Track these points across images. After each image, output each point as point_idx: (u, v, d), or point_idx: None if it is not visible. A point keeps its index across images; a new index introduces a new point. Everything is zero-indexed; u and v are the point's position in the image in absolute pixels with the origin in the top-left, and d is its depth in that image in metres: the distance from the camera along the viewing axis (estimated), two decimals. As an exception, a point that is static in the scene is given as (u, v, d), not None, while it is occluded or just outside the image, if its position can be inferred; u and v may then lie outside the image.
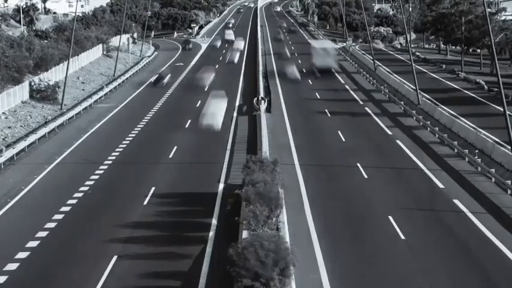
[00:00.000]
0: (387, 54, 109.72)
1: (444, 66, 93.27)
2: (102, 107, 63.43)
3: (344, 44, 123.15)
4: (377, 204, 33.89)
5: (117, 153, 44.80)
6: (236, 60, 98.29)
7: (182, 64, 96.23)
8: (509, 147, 40.91)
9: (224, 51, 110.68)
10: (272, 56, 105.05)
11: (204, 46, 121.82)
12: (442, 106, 60.94)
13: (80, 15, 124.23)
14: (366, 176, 38.96)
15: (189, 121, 55.25)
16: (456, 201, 34.22)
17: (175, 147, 45.93)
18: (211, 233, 29.60)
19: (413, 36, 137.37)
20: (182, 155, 44.56)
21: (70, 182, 38.16)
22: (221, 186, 37.10)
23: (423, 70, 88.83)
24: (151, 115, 58.63)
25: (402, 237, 29.30)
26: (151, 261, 26.86)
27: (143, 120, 56.06)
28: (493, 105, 62.31)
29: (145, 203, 34.23)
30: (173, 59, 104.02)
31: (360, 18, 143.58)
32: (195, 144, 47.83)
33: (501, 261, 27.05)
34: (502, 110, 41.15)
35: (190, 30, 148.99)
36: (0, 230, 30.83)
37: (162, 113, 59.78)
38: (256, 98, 62.20)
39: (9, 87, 60.67)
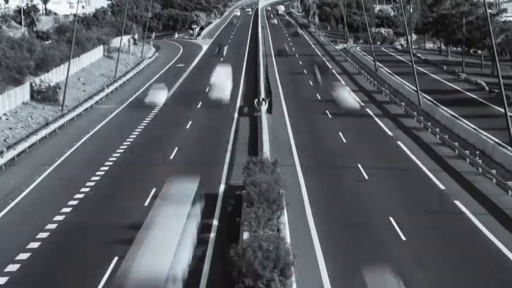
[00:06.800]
0: (388, 56, 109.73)
1: (445, 67, 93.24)
2: (103, 108, 63.43)
3: (345, 45, 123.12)
4: (378, 205, 33.87)
5: (118, 154, 44.80)
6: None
7: (183, 65, 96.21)
8: (510, 148, 40.92)
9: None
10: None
11: (205, 47, 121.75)
12: (443, 107, 60.93)
13: (81, 16, 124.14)
14: (367, 177, 38.95)
15: (190, 122, 55.24)
16: (457, 202, 34.21)
17: (176, 148, 45.92)
18: (212, 234, 29.59)
19: (414, 37, 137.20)
20: (183, 156, 44.53)
21: (71, 183, 38.16)
22: (222, 187, 37.08)
23: (424, 71, 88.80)
24: (151, 116, 58.60)
25: (403, 238, 29.29)
26: (152, 262, 26.79)
27: (144, 121, 56.05)
28: (494, 106, 62.29)
29: (146, 203, 34.20)
30: (174, 60, 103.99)
31: (361, 19, 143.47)
32: (195, 145, 47.82)
33: (502, 262, 27.04)
34: (503, 111, 41.15)
35: (191, 32, 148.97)
36: (0, 230, 30.84)
37: (163, 115, 59.73)
38: (257, 99, 62.19)
39: (10, 88, 60.59)
